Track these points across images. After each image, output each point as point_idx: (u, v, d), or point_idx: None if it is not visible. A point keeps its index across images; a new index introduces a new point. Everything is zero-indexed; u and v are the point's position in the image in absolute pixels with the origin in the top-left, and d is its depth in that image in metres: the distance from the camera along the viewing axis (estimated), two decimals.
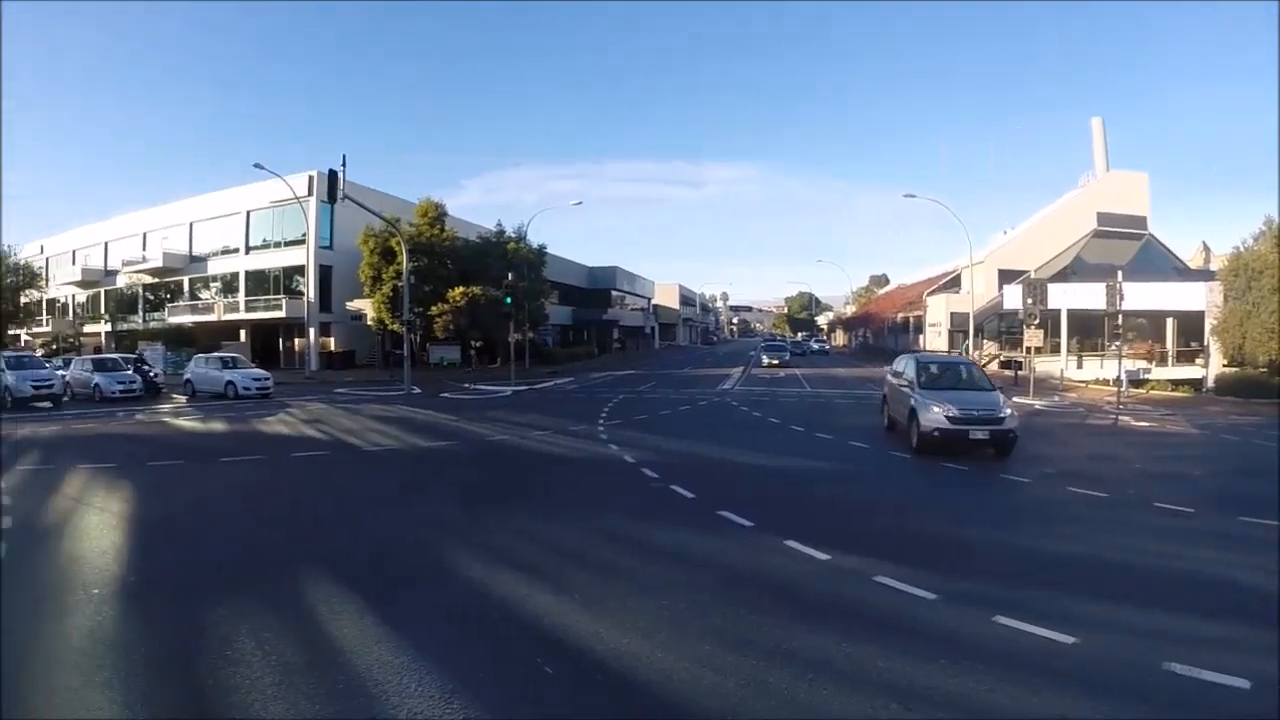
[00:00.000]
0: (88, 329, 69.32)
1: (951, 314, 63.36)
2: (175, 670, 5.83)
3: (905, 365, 20.61)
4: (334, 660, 5.91)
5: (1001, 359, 51.64)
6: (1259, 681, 5.78)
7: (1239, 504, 12.74)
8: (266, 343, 57.97)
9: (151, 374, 35.54)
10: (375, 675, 5.63)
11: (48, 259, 78.36)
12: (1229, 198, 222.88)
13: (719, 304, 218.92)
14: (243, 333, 58.51)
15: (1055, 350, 47.81)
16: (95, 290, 72.97)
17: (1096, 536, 10.50)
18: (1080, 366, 49.07)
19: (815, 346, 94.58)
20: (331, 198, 32.32)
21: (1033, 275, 49.36)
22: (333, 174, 31.51)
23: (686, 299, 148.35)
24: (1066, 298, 45.79)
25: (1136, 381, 42.13)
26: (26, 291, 69.14)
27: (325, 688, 5.46)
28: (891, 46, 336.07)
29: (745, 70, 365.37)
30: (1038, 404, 31.95)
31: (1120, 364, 34.67)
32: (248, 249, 58.27)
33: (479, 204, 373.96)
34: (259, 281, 57.50)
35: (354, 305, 52.07)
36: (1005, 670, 5.83)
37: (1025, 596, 7.53)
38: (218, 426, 22.81)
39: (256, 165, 41.81)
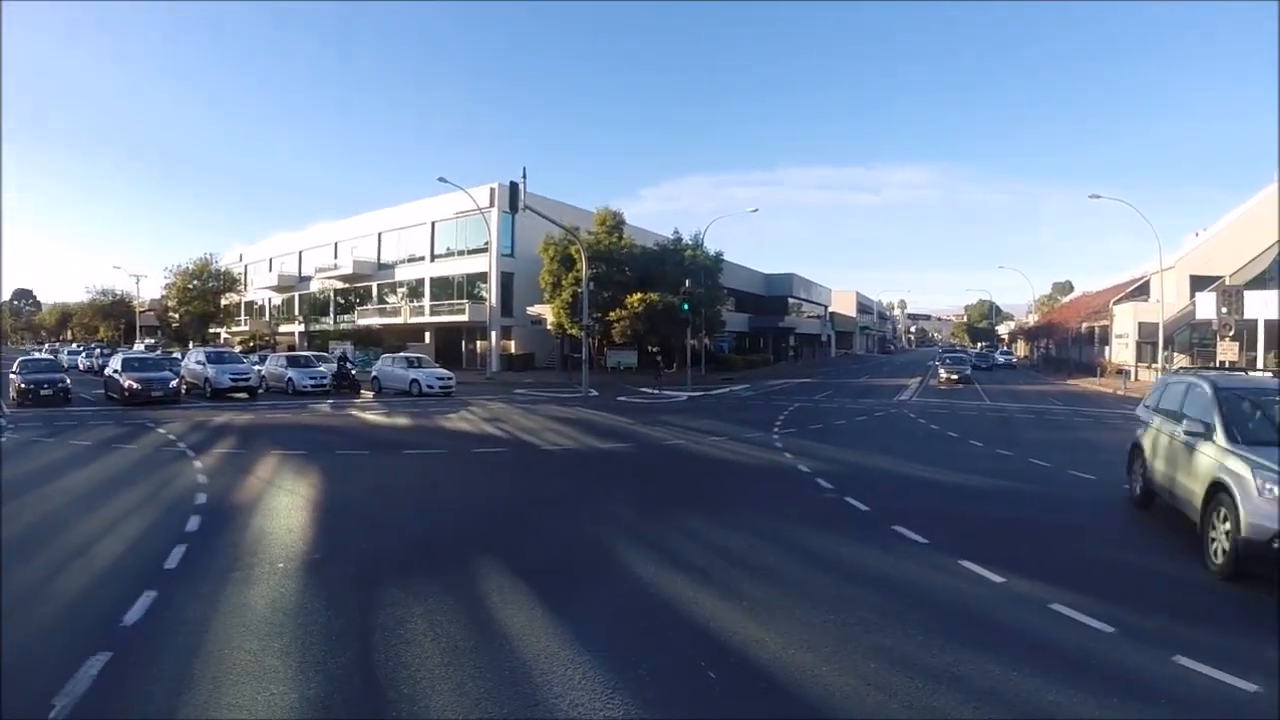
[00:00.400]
0: (282, 329, 75.31)
1: (1139, 324, 58.78)
2: (349, 643, 6.26)
3: (1188, 395, 11.46)
4: (501, 646, 6.17)
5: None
6: None
7: None
8: (449, 344, 60.64)
9: (353, 371, 37.41)
10: (540, 664, 5.85)
11: (246, 265, 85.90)
12: None
13: (896, 312, 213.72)
14: (427, 335, 61.49)
15: (1251, 365, 44.04)
16: (290, 294, 78.80)
17: None
18: None
19: (1001, 359, 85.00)
20: (513, 208, 33.68)
21: (1228, 281, 45.72)
22: (514, 186, 32.81)
23: (863, 307, 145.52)
24: (1265, 306, 41.75)
25: None
26: (227, 295, 75.84)
27: (491, 671, 5.71)
28: (1070, 43, 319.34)
29: (920, 71, 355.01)
30: None
31: None
32: (432, 257, 61.41)
33: (656, 212, 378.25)
34: (443, 287, 60.35)
35: (534, 310, 53.80)
36: (1180, 712, 5.47)
37: (1209, 638, 6.96)
38: (402, 421, 24.02)
39: (440, 179, 43.86)
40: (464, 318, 57.05)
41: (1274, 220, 54.49)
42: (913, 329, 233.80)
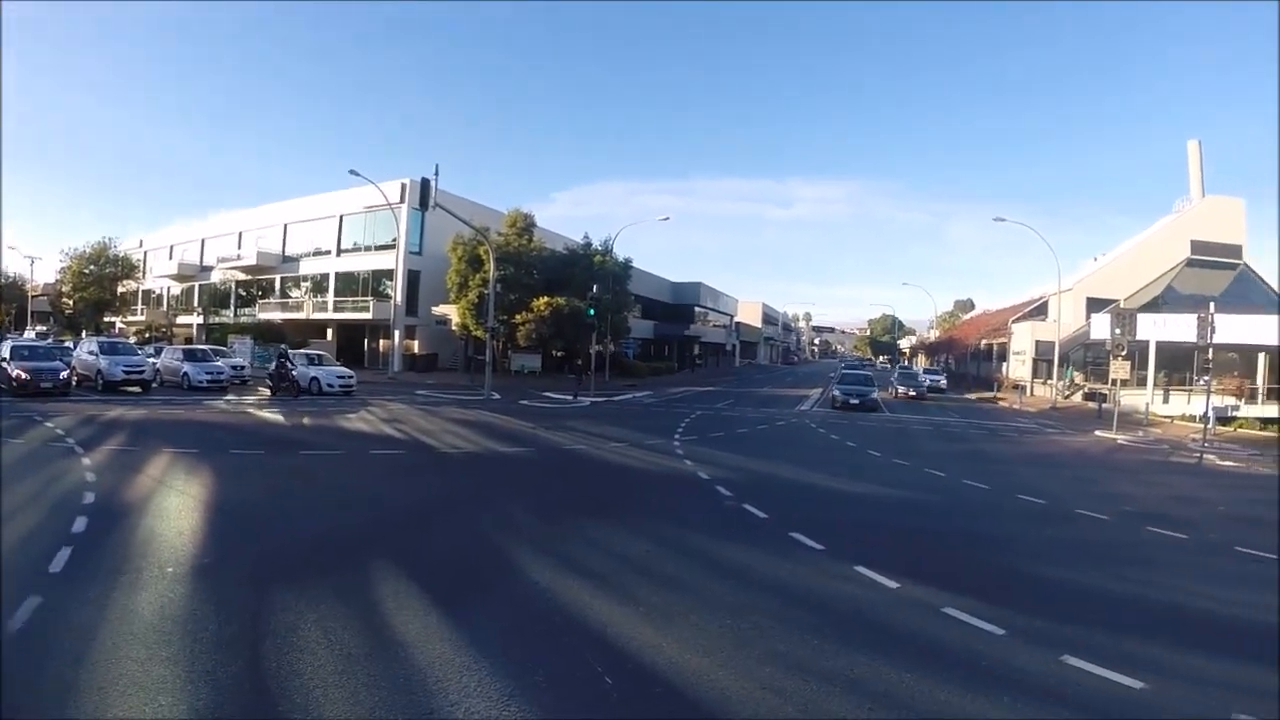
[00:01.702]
0: (181, 320, 72.77)
1: (1036, 342, 61.92)
2: (240, 651, 6.06)
3: None
4: (396, 653, 6.08)
5: (1086, 390, 50.46)
6: None
7: None
8: (352, 342, 59.54)
9: (293, 371, 33.58)
10: (436, 671, 5.78)
11: (146, 252, 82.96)
12: None
13: (801, 324, 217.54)
14: (329, 331, 60.23)
15: (1142, 383, 46.48)
16: (190, 284, 76.26)
17: (1173, 580, 10.18)
18: (1166, 401, 47.44)
19: (928, 380, 58.74)
20: (424, 205, 33.24)
21: (1122, 304, 48.12)
22: (425, 182, 32.38)
23: (769, 318, 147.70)
24: (1156, 329, 44.25)
25: (1224, 419, 40.66)
26: (124, 282, 73.15)
27: (386, 679, 5.61)
28: (986, 68, 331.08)
29: (836, 89, 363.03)
30: (1121, 439, 31.05)
31: (1208, 400, 33.59)
32: (339, 251, 60.25)
33: (567, 216, 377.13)
34: (348, 283, 59.32)
35: (439, 310, 53.34)
36: (1068, 711, 5.73)
37: (1095, 638, 7.34)
38: (300, 420, 23.47)
39: (352, 172, 43.28)
40: (368, 315, 56.02)
41: (1169, 248, 58.29)
42: (817, 341, 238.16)
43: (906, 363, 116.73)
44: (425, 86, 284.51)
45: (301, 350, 38.99)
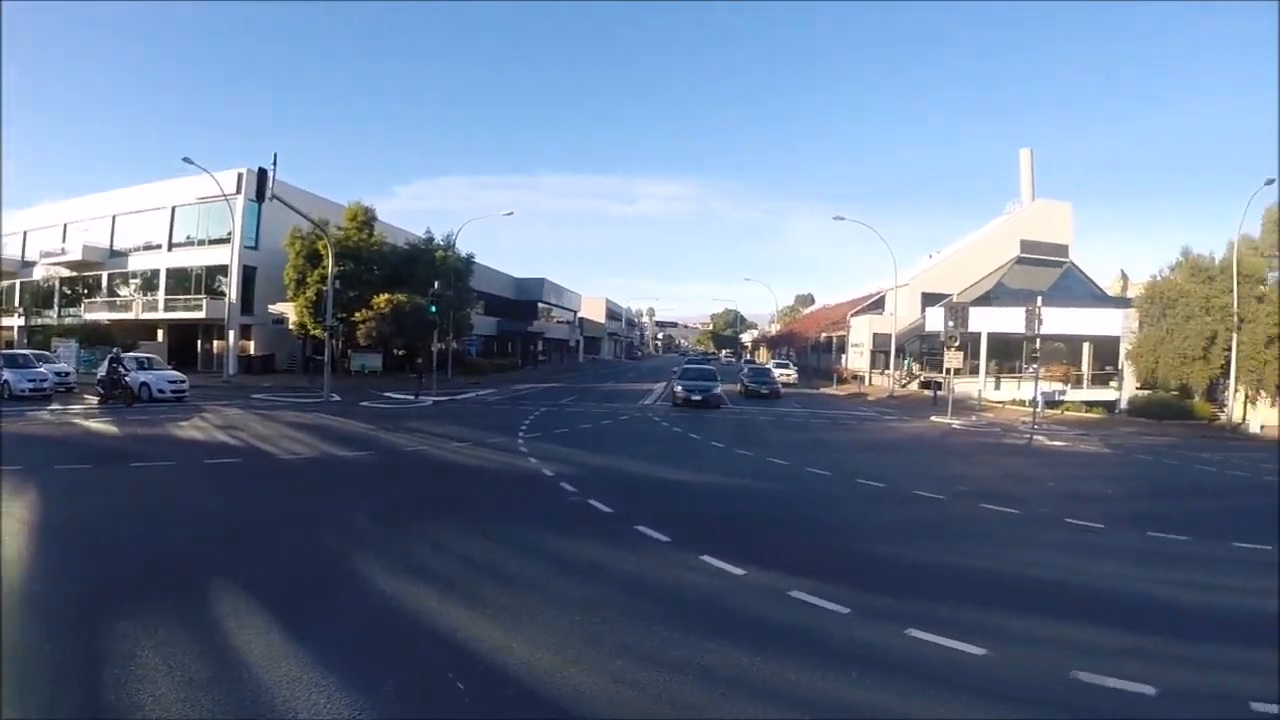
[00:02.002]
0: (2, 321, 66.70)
1: (874, 334, 64.67)
2: (74, 684, 5.60)
3: None
4: (241, 675, 5.73)
5: (922, 379, 52.67)
6: (1164, 688, 6.05)
7: (1149, 521, 13.29)
8: (185, 344, 56.28)
9: (125, 377, 30.62)
10: (283, 691, 5.48)
11: None
12: (1146, 228, 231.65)
13: (645, 319, 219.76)
14: (160, 332, 56.81)
15: (974, 372, 49.01)
16: (11, 282, 70.26)
17: (1008, 552, 10.82)
18: (998, 388, 50.40)
19: (780, 374, 55.47)
20: (260, 196, 31.53)
21: (955, 299, 50.59)
22: (262, 172, 30.83)
23: (613, 313, 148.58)
24: (987, 321, 47.13)
25: (1052, 403, 43.56)
26: None
27: (231, 703, 5.29)
28: (827, 69, 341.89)
29: (680, 88, 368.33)
30: (955, 424, 32.68)
31: (1036, 385, 35.52)
32: (170, 246, 56.67)
33: (410, 210, 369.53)
34: (180, 280, 56.00)
35: (276, 308, 51.10)
36: (916, 681, 5.95)
37: (937, 610, 7.70)
38: (130, 430, 22.07)
39: (185, 160, 40.60)
40: (201, 315, 52.76)
41: (1000, 247, 61.95)
42: (660, 336, 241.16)
43: (750, 356, 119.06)
44: (264, 74, 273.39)
45: (131, 354, 36.66)
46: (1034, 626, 7.40)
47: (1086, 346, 51.44)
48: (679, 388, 36.51)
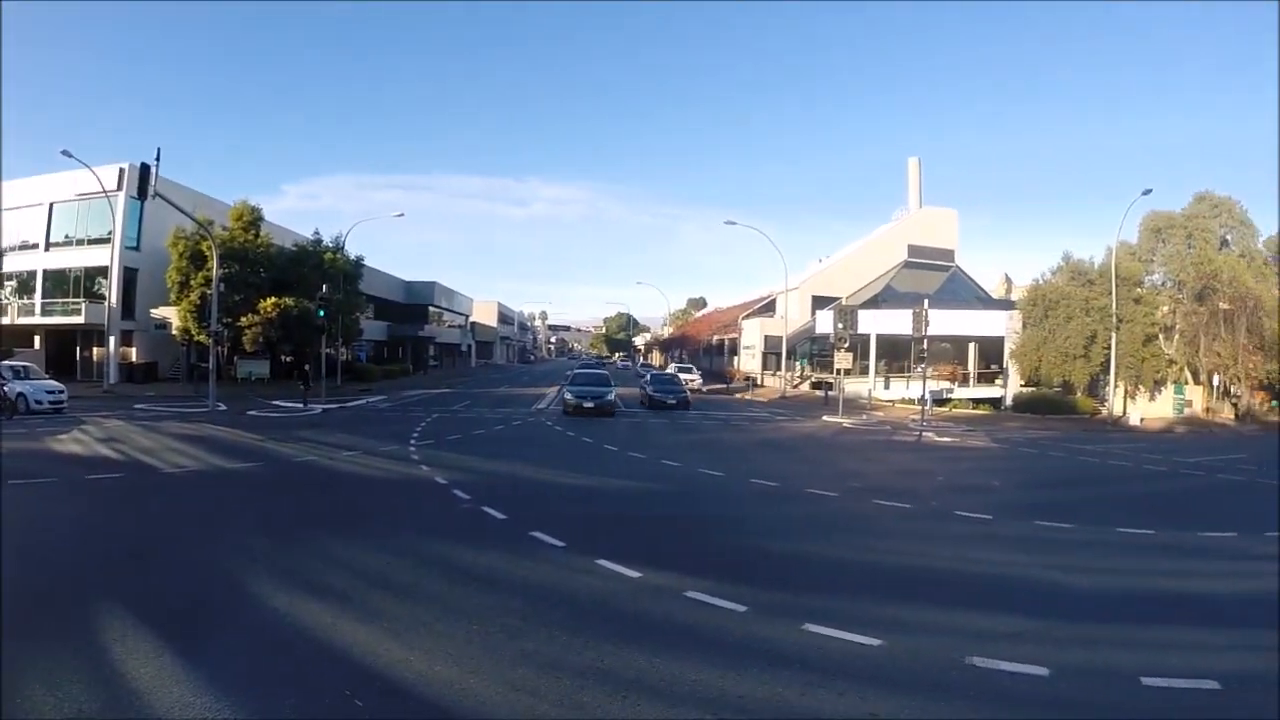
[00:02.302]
0: None
1: (766, 337, 65.87)
2: None
3: None
4: (131, 703, 5.39)
5: (813, 380, 53.69)
6: (1057, 669, 6.26)
7: (1035, 510, 13.89)
8: (63, 351, 53.26)
9: (4, 388, 28.09)
10: (175, 717, 5.22)
11: None
12: (1029, 235, 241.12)
13: (538, 323, 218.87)
14: (37, 339, 53.74)
15: (864, 372, 50.25)
16: None
17: (900, 544, 11.15)
18: (888, 387, 51.85)
19: (684, 378, 50.50)
20: (142, 194, 29.97)
21: (844, 301, 51.71)
22: (145, 167, 29.33)
23: (505, 317, 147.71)
24: (876, 323, 48.40)
25: (940, 401, 45.06)
26: None
27: None
28: (716, 77, 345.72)
29: (574, 90, 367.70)
30: (846, 422, 33.42)
31: (925, 384, 36.57)
32: (48, 245, 53.55)
33: (299, 210, 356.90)
34: (58, 282, 52.84)
35: (159, 313, 48.76)
36: (815, 675, 6.01)
37: (833, 604, 7.83)
38: (5, 445, 20.92)
39: (64, 153, 38.61)
40: (80, 320, 50.02)
41: (888, 251, 63.97)
42: (553, 339, 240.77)
43: (643, 359, 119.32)
44: (150, 63, 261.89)
45: (7, 362, 34.69)
46: (929, 616, 7.58)
47: (972, 346, 53.33)
48: (569, 394, 34.36)
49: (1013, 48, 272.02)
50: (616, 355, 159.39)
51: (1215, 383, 46.27)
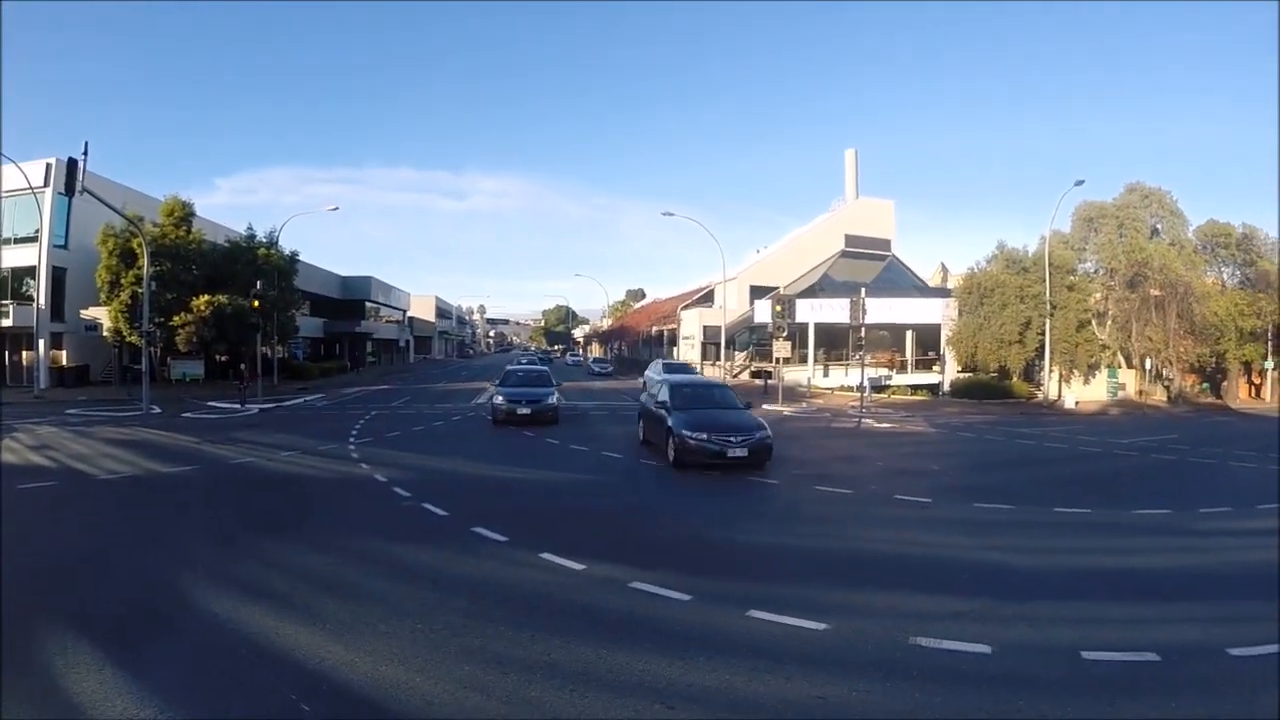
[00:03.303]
0: None
1: (705, 327, 66.01)
2: None
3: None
4: (77, 718, 5.32)
5: (752, 369, 54.07)
6: (1000, 646, 6.45)
7: (974, 493, 14.22)
8: None
9: None
10: None
11: None
12: (963, 224, 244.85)
13: (476, 316, 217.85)
14: None
15: (803, 360, 50.72)
16: None
17: (842, 530, 11.33)
18: (827, 375, 52.51)
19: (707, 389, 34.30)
20: (69, 190, 28.86)
21: (782, 291, 52.13)
22: (72, 162, 28.25)
23: (443, 312, 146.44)
24: (814, 312, 49.10)
25: (879, 387, 45.69)
26: None
27: None
28: (654, 69, 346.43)
29: (511, 81, 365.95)
30: (786, 410, 33.71)
31: (863, 372, 37.00)
32: None
33: (233, 205, 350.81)
34: None
35: (89, 314, 47.30)
36: (761, 661, 6.07)
37: (777, 591, 7.91)
38: None
39: None
40: (8, 322, 48.05)
41: (826, 242, 64.79)
42: (492, 333, 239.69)
43: (579, 351, 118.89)
44: (78, 54, 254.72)
45: None
46: (873, 599, 7.71)
47: (910, 334, 54.15)
48: (499, 398, 27.04)
49: (948, 44, 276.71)
50: (556, 348, 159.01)
51: (1148, 367, 47.62)
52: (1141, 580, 8.94)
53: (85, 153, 28.30)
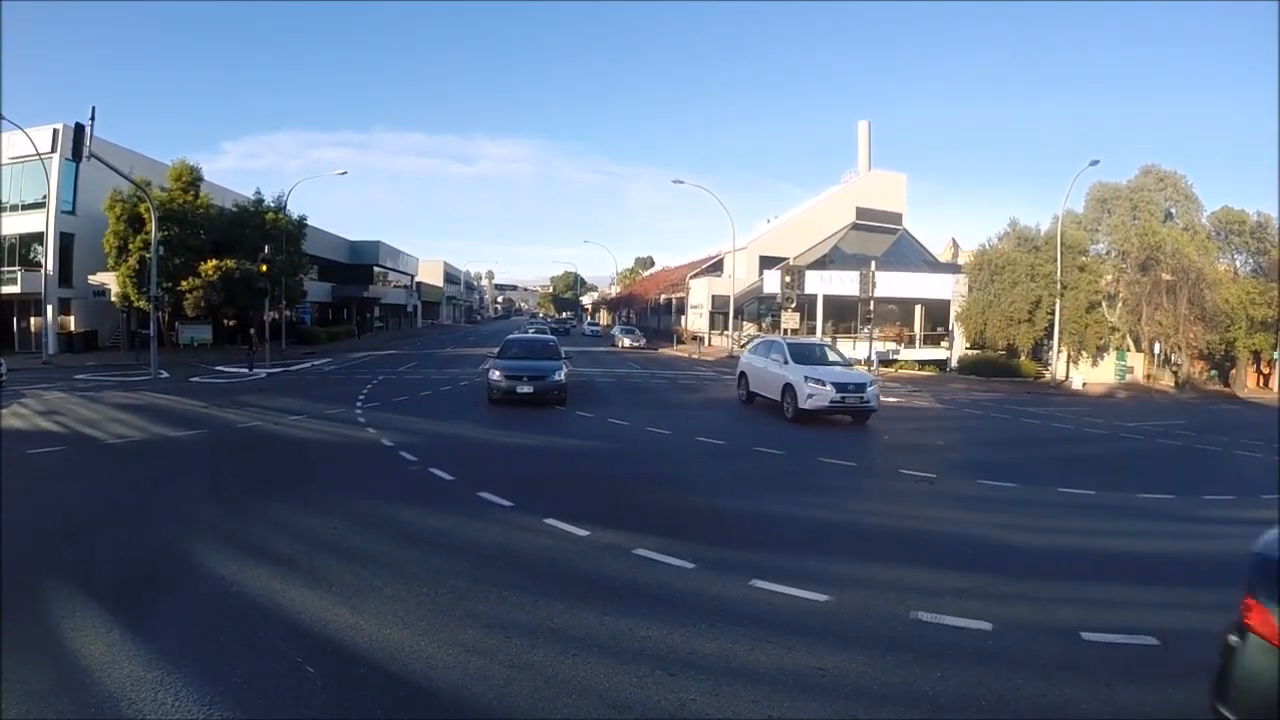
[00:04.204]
0: None
1: (713, 296, 65.93)
2: None
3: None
4: (82, 681, 5.27)
5: (760, 340, 54.11)
6: (1000, 624, 6.46)
7: (978, 470, 14.26)
8: (0, 322, 51.74)
9: None
10: (129, 693, 5.09)
11: None
12: (976, 201, 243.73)
13: (484, 282, 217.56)
14: None
15: (811, 332, 50.56)
16: None
17: (846, 502, 11.34)
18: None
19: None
20: (76, 155, 28.90)
21: (792, 262, 51.94)
22: (79, 128, 28.27)
23: (451, 277, 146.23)
24: (824, 284, 48.91)
25: (886, 361, 45.55)
26: None
27: (75, 712, 4.88)
28: (670, 39, 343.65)
29: (524, 48, 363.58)
30: None
31: (871, 345, 36.93)
32: None
33: (241, 169, 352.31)
34: None
35: (97, 279, 47.11)
36: (763, 630, 6.12)
37: (780, 561, 7.95)
38: None
39: None
40: (16, 289, 47.82)
41: (837, 214, 64.66)
42: (500, 299, 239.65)
43: (590, 318, 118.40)
44: (87, 19, 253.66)
45: None
46: (875, 572, 7.74)
47: (918, 309, 53.82)
48: (497, 371, 23.03)
49: (964, 18, 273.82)
50: (564, 314, 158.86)
51: (1156, 351, 47.42)
52: (1143, 564, 8.94)
53: (93, 118, 28.31)
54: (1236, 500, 13.64)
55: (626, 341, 59.42)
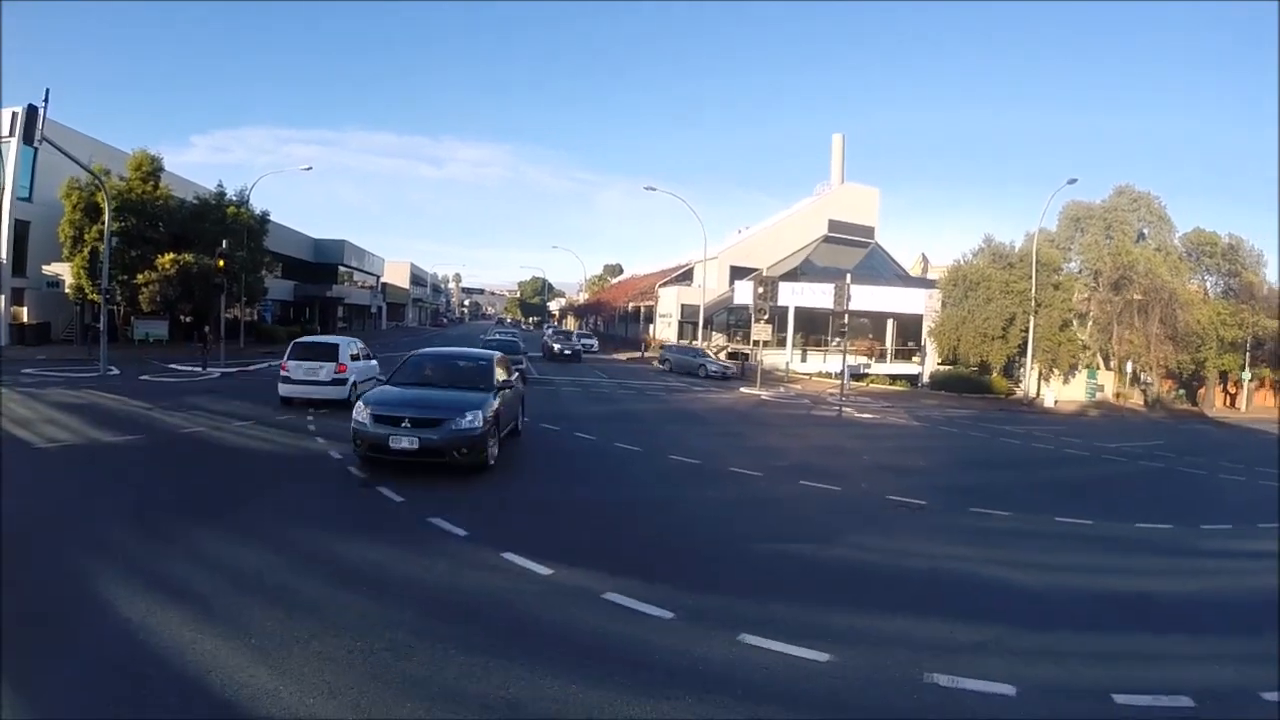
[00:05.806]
0: None
1: (683, 305, 65.34)
2: None
3: None
4: None
5: (729, 351, 53.58)
6: (1024, 685, 5.74)
7: (968, 495, 13.62)
8: None
9: None
10: None
11: None
12: (946, 216, 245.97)
13: (451, 285, 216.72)
14: None
15: (782, 344, 50.19)
16: None
17: (837, 536, 10.44)
18: (805, 360, 51.99)
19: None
20: (28, 138, 27.53)
21: (764, 273, 51.46)
22: (31, 109, 26.95)
23: (418, 279, 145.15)
24: (795, 296, 48.50)
25: (857, 375, 45.41)
26: None
27: None
28: (642, 45, 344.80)
29: (496, 51, 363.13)
30: (764, 395, 33.07)
31: (844, 359, 36.42)
32: None
33: (208, 164, 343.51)
34: None
35: (51, 269, 45.73)
36: (757, 699, 5.28)
37: (771, 609, 7.04)
38: None
39: None
40: None
41: (809, 225, 64.76)
42: (467, 303, 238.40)
43: (556, 324, 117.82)
44: (55, 4, 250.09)
45: None
46: (878, 623, 6.91)
47: (890, 323, 53.74)
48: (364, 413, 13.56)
49: (939, 31, 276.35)
50: (529, 319, 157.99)
51: (1127, 369, 47.63)
52: (1161, 608, 8.32)
53: (46, 100, 26.83)
54: (1235, 530, 13.27)
55: (556, 348, 51.53)
